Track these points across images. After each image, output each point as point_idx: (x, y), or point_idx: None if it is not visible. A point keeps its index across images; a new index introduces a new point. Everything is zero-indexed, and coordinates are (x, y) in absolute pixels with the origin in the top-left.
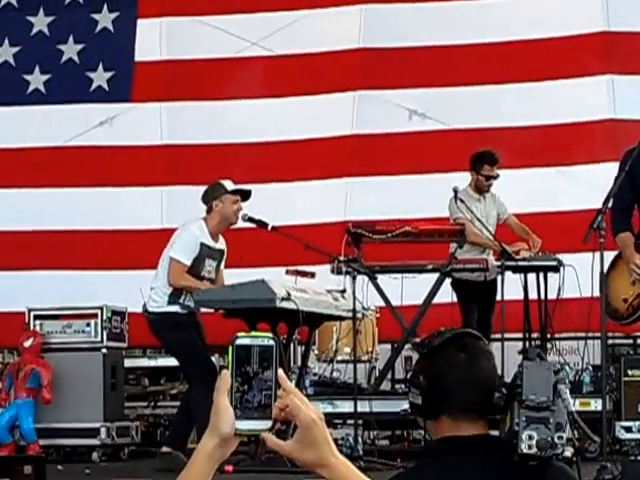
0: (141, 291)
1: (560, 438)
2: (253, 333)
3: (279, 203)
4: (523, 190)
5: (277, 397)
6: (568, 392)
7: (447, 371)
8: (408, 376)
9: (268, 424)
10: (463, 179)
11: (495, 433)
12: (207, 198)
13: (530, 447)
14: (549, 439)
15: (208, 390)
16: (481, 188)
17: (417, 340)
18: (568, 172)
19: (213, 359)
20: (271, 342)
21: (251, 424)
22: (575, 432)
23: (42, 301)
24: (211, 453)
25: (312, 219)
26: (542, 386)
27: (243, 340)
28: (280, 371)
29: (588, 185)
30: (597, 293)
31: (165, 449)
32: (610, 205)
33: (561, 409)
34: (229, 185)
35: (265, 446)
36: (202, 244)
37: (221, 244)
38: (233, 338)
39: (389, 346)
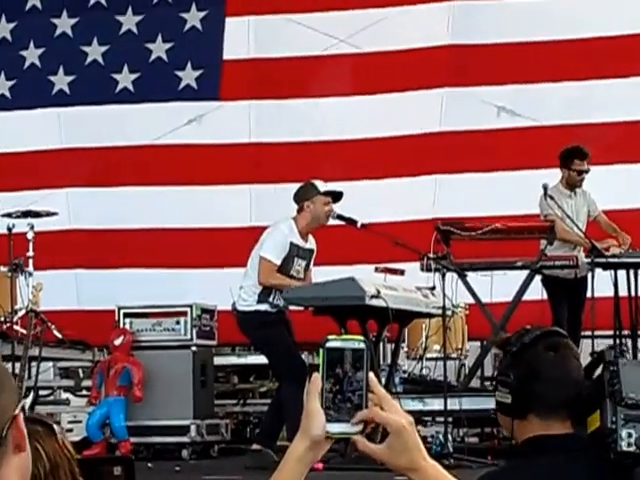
0: (230, 290)
1: None
2: (344, 336)
3: (367, 201)
4: (614, 187)
5: (368, 401)
6: None
7: (537, 370)
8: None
9: (359, 427)
10: (552, 176)
11: None
12: (299, 198)
13: (629, 445)
14: None
15: (298, 388)
16: (573, 184)
17: (501, 339)
18: None
19: (303, 357)
20: (362, 345)
21: (342, 427)
22: None
23: (132, 299)
24: (302, 456)
25: (401, 217)
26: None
27: (334, 343)
28: (371, 375)
29: None
30: None
31: (255, 447)
32: None
33: None
34: (321, 186)
35: (356, 449)
36: (292, 243)
37: (311, 244)
38: (324, 341)
39: (478, 343)
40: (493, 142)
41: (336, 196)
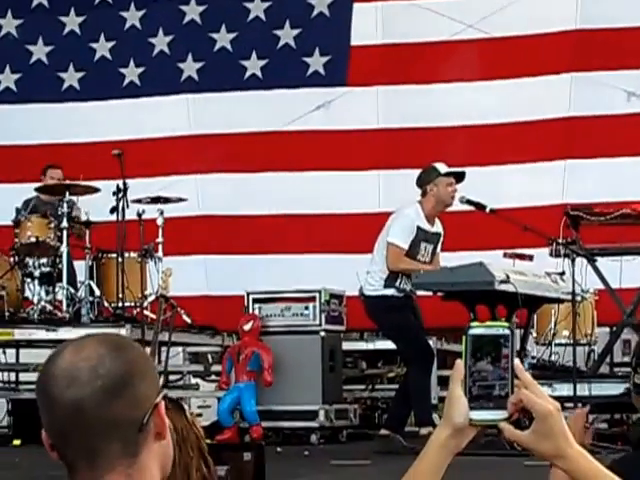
0: (357, 275)
1: None
2: (488, 323)
3: (496, 186)
4: None
5: (514, 387)
6: None
7: None
8: (628, 359)
9: (504, 414)
10: None
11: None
12: (421, 182)
13: None
14: None
15: (425, 373)
16: None
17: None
18: None
19: (431, 342)
20: (507, 331)
21: (486, 414)
22: None
23: (261, 285)
24: (444, 443)
25: (530, 202)
26: None
27: (477, 330)
28: (517, 361)
29: None
30: None
31: (383, 432)
32: None
33: None
34: (442, 168)
35: (503, 436)
36: (418, 227)
37: (437, 227)
38: (467, 327)
39: (607, 329)
40: (623, 127)
41: (458, 176)
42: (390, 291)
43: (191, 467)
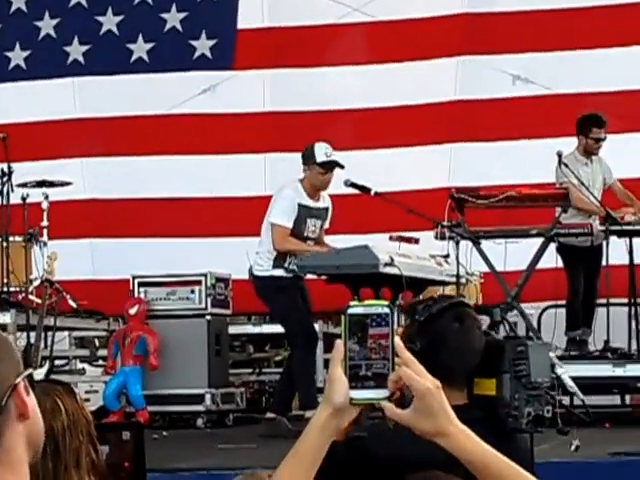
0: (247, 254)
1: (547, 412)
2: (367, 302)
3: (382, 169)
4: (629, 155)
5: (395, 365)
6: (562, 369)
7: (443, 340)
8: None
9: (385, 393)
10: (568, 144)
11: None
12: (303, 160)
13: (528, 423)
14: (540, 413)
15: (308, 355)
16: (590, 151)
17: (408, 304)
18: None
19: (316, 325)
20: (386, 310)
21: (367, 393)
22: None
23: (147, 269)
24: (325, 424)
25: (416, 185)
26: (545, 368)
27: (357, 309)
28: (397, 339)
29: None
30: None
31: (269, 415)
32: None
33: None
34: (320, 156)
35: (385, 415)
36: (300, 205)
37: (324, 202)
38: (346, 307)
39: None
40: (508, 110)
41: (334, 166)
42: (279, 272)
43: (81, 452)
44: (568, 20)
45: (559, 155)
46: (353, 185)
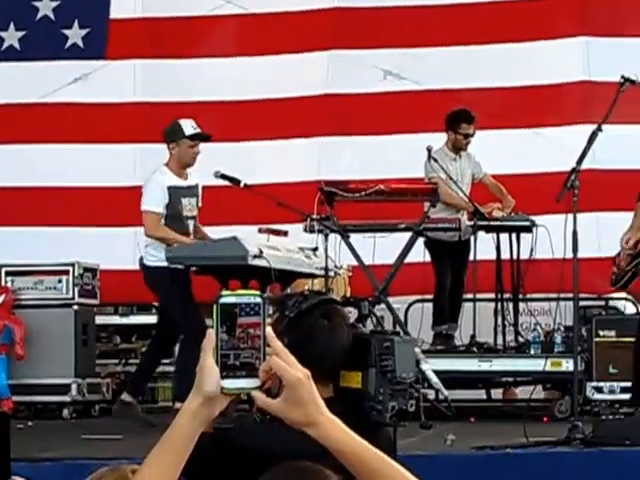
0: (138, 245)
1: (411, 406)
2: (239, 291)
3: (253, 162)
4: (498, 151)
5: (266, 355)
6: (427, 364)
7: (311, 337)
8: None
9: (256, 382)
10: (438, 139)
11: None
12: (166, 138)
13: (391, 417)
14: (404, 408)
15: (196, 347)
16: (459, 147)
17: (278, 298)
18: (543, 134)
19: None
20: (258, 299)
21: (238, 383)
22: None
23: (13, 258)
24: (196, 413)
25: (286, 178)
26: (410, 364)
27: (228, 298)
28: (268, 329)
29: (562, 147)
30: (570, 254)
31: (125, 397)
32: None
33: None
34: (188, 128)
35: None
36: (170, 187)
37: (192, 180)
38: (217, 296)
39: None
40: (379, 105)
41: (202, 138)
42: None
43: None
44: (438, 16)
45: (428, 150)
46: (223, 177)
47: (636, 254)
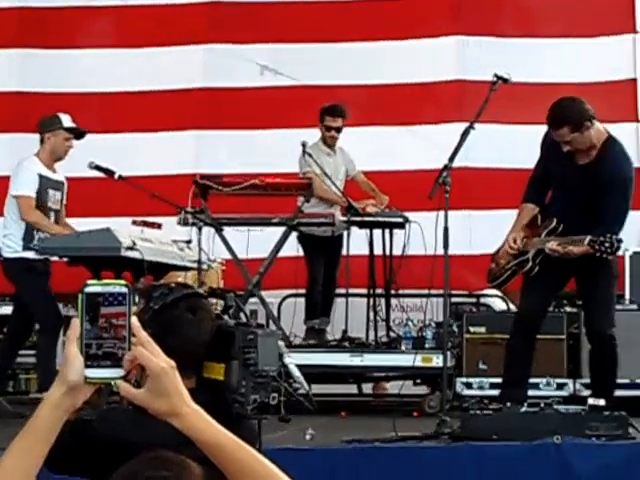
0: None
1: (273, 399)
2: (105, 280)
3: (128, 154)
4: (373, 148)
5: (131, 344)
6: (290, 358)
7: (175, 330)
8: None
9: (120, 372)
10: (313, 135)
11: None
12: (41, 129)
13: (253, 409)
14: (266, 401)
15: (54, 338)
16: (324, 140)
17: (145, 288)
18: (417, 131)
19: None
20: (124, 289)
21: (102, 372)
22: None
23: None
24: (58, 402)
25: (162, 171)
26: (273, 357)
27: (94, 288)
28: (134, 319)
29: (436, 145)
30: (441, 250)
31: None
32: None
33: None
34: (66, 121)
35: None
36: (40, 175)
37: (60, 176)
38: (83, 285)
39: None
40: (256, 100)
41: (79, 134)
42: (29, 253)
43: None
44: (315, 12)
45: (303, 145)
46: (97, 168)
47: (518, 254)
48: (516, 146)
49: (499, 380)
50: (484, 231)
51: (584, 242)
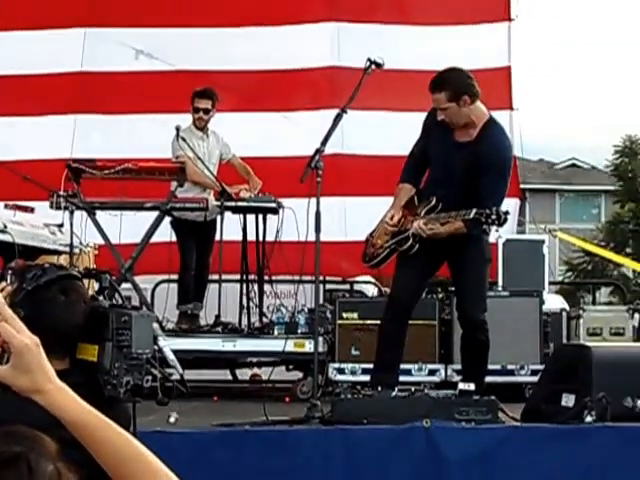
0: None
1: (147, 382)
2: None
3: (3, 137)
4: (247, 133)
5: None
6: (164, 341)
7: (47, 312)
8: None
9: None
10: (188, 120)
11: None
12: None
13: (126, 392)
14: (139, 383)
15: None
16: (194, 122)
17: (20, 267)
18: (291, 117)
19: None
20: None
21: None
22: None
23: None
24: None
25: (37, 155)
26: (147, 340)
27: None
28: None
29: (311, 131)
30: (313, 236)
31: None
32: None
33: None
34: None
35: None
36: None
37: None
38: None
39: None
40: (130, 84)
41: None
42: None
43: None
44: None
45: (177, 129)
46: None
47: (396, 232)
48: (392, 133)
49: (371, 366)
50: (359, 218)
51: (461, 217)
